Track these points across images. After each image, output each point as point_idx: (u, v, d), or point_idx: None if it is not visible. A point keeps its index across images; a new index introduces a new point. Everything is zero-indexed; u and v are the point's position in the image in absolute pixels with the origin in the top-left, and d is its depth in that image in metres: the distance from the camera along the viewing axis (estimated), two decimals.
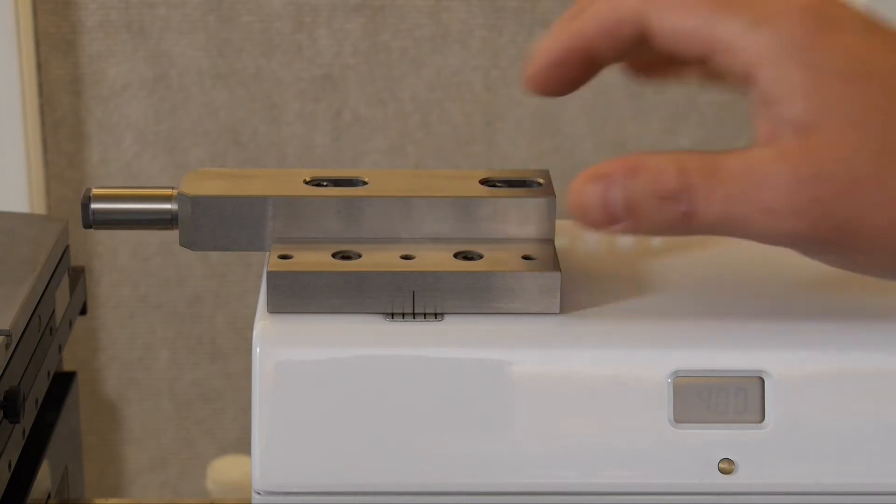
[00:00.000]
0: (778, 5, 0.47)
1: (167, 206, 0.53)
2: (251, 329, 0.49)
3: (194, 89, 1.08)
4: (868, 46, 0.47)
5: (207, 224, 0.52)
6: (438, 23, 1.07)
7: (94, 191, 0.53)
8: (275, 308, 0.50)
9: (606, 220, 0.47)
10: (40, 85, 1.07)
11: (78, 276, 0.67)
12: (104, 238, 1.11)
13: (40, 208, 1.09)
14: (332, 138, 1.09)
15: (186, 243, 0.53)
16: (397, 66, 1.08)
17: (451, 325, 0.50)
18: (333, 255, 0.51)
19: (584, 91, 0.61)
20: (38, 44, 1.06)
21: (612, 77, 1.16)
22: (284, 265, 0.50)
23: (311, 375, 0.48)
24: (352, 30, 1.07)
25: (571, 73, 0.53)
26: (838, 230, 0.46)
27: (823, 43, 0.46)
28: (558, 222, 0.53)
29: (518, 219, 0.52)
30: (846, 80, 0.46)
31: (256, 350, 0.49)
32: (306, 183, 0.53)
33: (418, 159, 1.10)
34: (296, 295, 0.50)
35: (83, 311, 0.68)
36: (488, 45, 1.08)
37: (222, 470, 1.03)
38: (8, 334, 0.54)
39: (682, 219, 0.46)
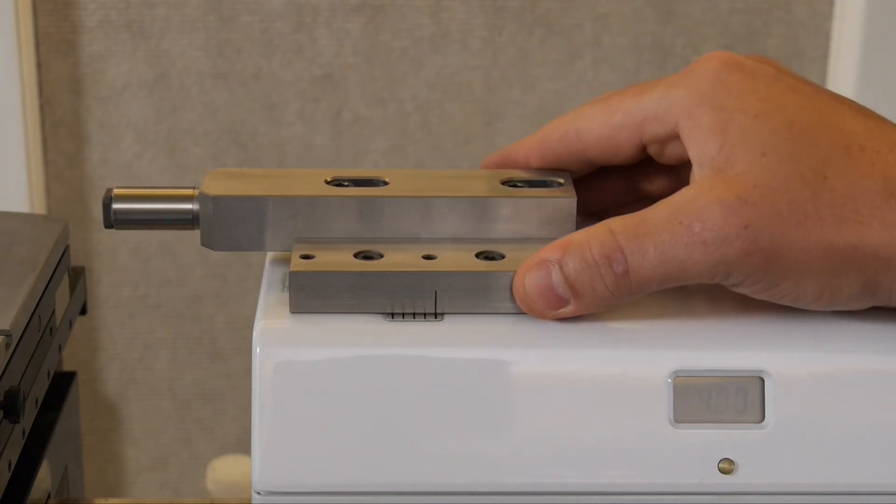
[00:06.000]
0: (691, 67, 0.51)
1: (188, 206, 0.53)
2: (251, 329, 0.49)
3: (194, 89, 1.08)
4: (774, 88, 0.50)
5: (228, 224, 0.52)
6: (438, 23, 1.07)
7: (116, 191, 0.53)
8: (297, 308, 0.49)
9: (554, 303, 0.49)
10: (40, 85, 1.07)
11: (78, 276, 0.67)
12: (104, 238, 1.11)
13: (40, 208, 1.08)
14: (332, 138, 1.09)
15: (208, 243, 0.52)
16: (397, 66, 1.08)
17: (452, 325, 0.50)
18: (355, 255, 0.51)
19: (584, 92, 0.61)
20: (38, 44, 1.06)
21: (611, 77, 1.16)
22: (307, 265, 0.50)
23: (311, 375, 0.48)
24: (352, 30, 1.07)
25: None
26: (766, 255, 0.48)
27: (730, 87, 0.50)
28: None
29: (538, 219, 0.52)
30: (752, 117, 0.49)
31: (256, 350, 0.49)
32: (327, 183, 0.53)
33: (418, 159, 1.10)
34: (319, 295, 0.49)
35: (83, 311, 0.68)
36: (488, 45, 1.08)
37: (222, 470, 1.03)
38: (8, 334, 0.54)
39: (620, 280, 0.48)
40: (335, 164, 1.10)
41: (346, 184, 0.53)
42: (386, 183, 0.53)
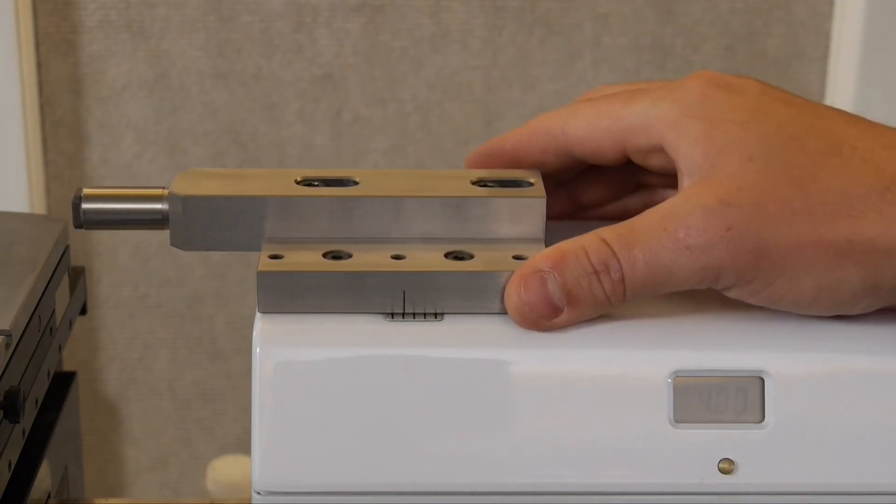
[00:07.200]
0: (677, 83, 0.51)
1: (158, 206, 0.53)
2: (251, 329, 0.49)
3: (194, 89, 1.08)
4: (763, 100, 0.50)
5: (198, 224, 0.52)
6: (438, 23, 1.07)
7: (85, 191, 0.53)
8: (265, 308, 0.50)
9: (549, 312, 0.49)
10: (40, 85, 1.07)
11: (78, 276, 0.67)
12: (104, 238, 1.11)
13: (40, 208, 1.08)
14: (332, 138, 1.09)
15: (177, 243, 0.52)
16: (397, 66, 1.08)
17: (451, 325, 0.50)
18: (324, 255, 0.51)
19: (584, 92, 0.61)
20: (38, 44, 1.06)
21: (611, 77, 1.16)
22: (275, 265, 0.50)
23: (311, 375, 0.49)
24: (352, 30, 1.07)
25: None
26: (754, 254, 0.48)
27: (717, 99, 0.50)
28: (549, 223, 0.53)
29: (509, 218, 0.52)
30: (739, 124, 0.49)
31: (256, 350, 0.49)
32: (297, 183, 0.53)
33: (418, 159, 1.10)
34: (287, 295, 0.49)
35: (83, 311, 0.68)
36: (488, 45, 1.08)
37: (222, 470, 1.03)
38: (8, 334, 0.54)
39: (616, 287, 0.49)
40: (335, 164, 1.10)
41: (316, 184, 0.53)
42: (356, 183, 0.53)
